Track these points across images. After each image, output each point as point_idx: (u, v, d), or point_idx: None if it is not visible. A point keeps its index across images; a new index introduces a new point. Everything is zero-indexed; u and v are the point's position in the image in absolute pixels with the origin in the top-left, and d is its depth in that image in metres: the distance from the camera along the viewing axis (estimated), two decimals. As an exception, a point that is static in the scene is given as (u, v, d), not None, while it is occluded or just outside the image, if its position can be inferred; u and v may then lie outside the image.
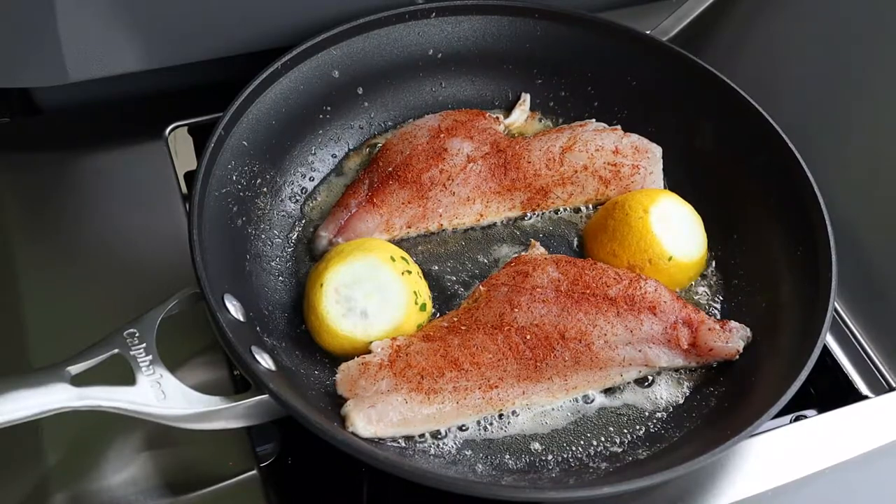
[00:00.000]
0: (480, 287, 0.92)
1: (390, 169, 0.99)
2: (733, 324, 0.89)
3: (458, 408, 0.83)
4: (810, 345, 0.81)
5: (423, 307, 0.89)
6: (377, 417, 0.79)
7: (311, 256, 0.96)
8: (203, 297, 0.78)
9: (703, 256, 0.98)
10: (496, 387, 0.84)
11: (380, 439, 0.80)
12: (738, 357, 0.88)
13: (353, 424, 0.79)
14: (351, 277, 0.87)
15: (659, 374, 0.90)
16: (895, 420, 0.89)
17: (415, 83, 1.10)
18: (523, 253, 0.98)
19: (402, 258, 0.90)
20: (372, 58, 1.06)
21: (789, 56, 1.17)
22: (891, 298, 0.98)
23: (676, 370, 0.90)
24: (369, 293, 0.86)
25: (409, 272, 0.89)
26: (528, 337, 0.85)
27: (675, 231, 0.95)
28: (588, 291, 0.88)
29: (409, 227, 0.99)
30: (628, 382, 0.89)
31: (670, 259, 0.94)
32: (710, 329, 0.88)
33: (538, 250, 0.98)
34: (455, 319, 0.89)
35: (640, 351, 0.87)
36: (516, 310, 0.87)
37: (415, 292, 0.88)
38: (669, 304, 0.89)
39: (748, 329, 0.90)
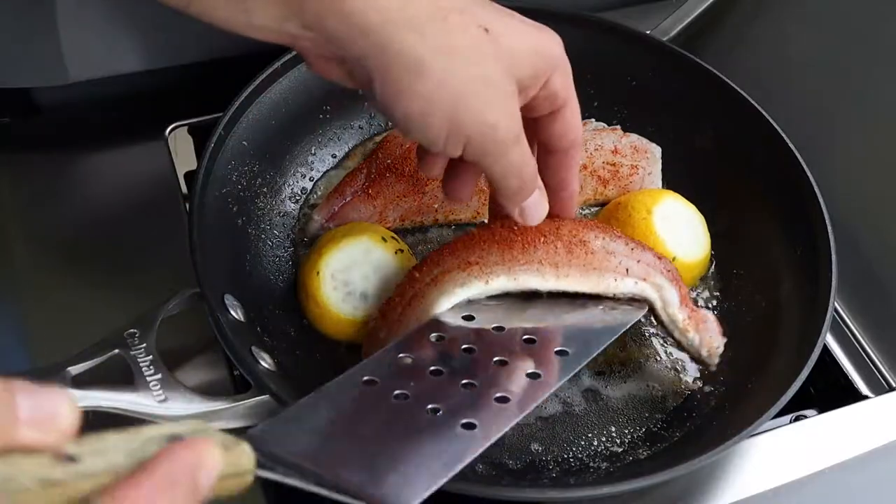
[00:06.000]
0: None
1: (389, 161, 0.99)
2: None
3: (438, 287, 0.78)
4: (810, 345, 0.81)
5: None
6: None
7: (306, 246, 0.96)
8: (203, 297, 0.78)
9: (707, 256, 0.98)
10: (476, 264, 0.78)
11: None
12: (716, 361, 0.85)
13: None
14: (345, 262, 0.87)
15: (659, 362, 0.90)
16: (895, 420, 0.89)
17: (415, 83, 1.10)
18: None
19: (393, 238, 0.91)
20: (372, 58, 1.05)
21: (789, 56, 1.16)
22: (891, 298, 0.98)
23: (676, 368, 0.90)
24: (366, 275, 0.87)
25: (402, 251, 0.90)
26: (516, 227, 0.79)
27: (678, 231, 0.95)
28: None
29: (403, 221, 0.99)
30: (628, 382, 0.89)
31: (674, 259, 0.94)
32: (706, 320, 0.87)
33: (538, 250, 0.97)
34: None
35: (639, 262, 0.81)
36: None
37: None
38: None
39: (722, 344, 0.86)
